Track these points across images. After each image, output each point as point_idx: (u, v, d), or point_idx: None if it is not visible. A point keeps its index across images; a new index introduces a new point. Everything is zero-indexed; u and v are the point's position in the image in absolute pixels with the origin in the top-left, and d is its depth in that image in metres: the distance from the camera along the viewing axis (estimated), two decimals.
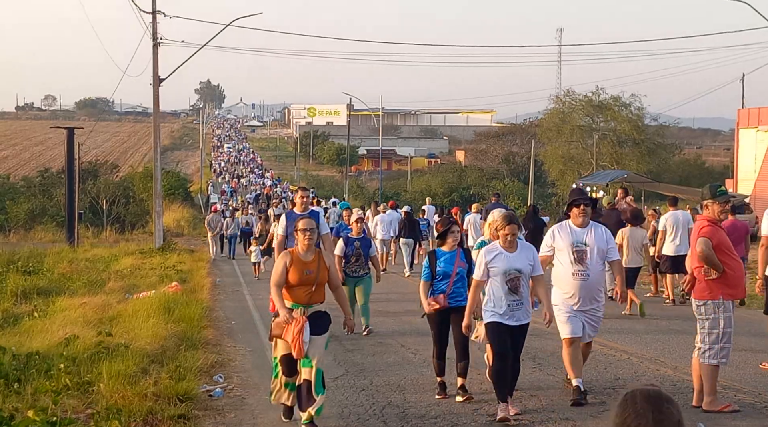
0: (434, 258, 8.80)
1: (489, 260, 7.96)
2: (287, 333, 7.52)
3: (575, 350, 8.52)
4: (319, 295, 7.76)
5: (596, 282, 8.59)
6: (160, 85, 32.26)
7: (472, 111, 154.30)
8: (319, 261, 7.72)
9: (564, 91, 66.01)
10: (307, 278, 7.62)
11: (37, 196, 53.04)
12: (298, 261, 7.66)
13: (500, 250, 7.98)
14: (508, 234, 8.07)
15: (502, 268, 7.90)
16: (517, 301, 7.92)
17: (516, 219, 8.31)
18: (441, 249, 8.90)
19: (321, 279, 7.70)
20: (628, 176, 42.91)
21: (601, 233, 8.66)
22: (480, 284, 8.05)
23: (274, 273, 7.70)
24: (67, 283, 19.89)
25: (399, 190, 70.12)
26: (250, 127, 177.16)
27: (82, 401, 8.17)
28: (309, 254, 7.72)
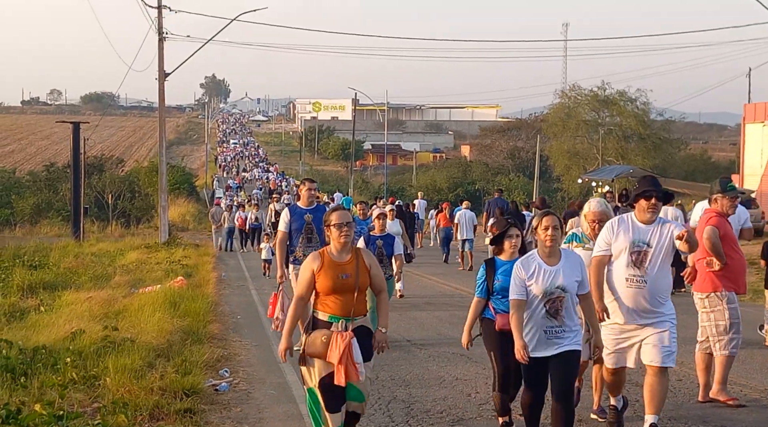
0: (492, 270, 7.11)
1: (527, 274, 6.42)
2: (332, 351, 6.10)
3: (618, 376, 7.31)
4: (362, 304, 6.33)
5: (656, 291, 6.93)
6: (165, 80, 32.28)
7: (478, 106, 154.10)
8: (357, 261, 6.29)
9: (570, 86, 65.94)
10: (343, 284, 6.21)
11: (42, 190, 53.19)
12: (331, 264, 6.24)
13: (538, 261, 6.42)
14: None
15: (542, 286, 6.36)
16: (556, 327, 6.41)
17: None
18: (499, 258, 7.13)
19: (362, 284, 6.26)
20: (634, 171, 42.85)
21: (669, 234, 6.99)
22: (521, 305, 6.41)
23: (298, 283, 6.39)
24: (72, 277, 19.91)
25: (404, 185, 70.09)
26: (255, 121, 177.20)
27: (88, 395, 8.19)
28: (344, 254, 6.31)
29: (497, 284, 7.01)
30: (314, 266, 6.24)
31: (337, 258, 6.28)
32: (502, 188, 40.76)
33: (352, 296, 6.22)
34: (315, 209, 10.81)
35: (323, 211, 10.46)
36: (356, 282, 6.22)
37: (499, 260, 7.12)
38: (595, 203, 7.68)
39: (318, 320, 6.28)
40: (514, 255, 6.99)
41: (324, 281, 6.21)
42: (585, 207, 7.84)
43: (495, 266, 7.10)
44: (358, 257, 6.34)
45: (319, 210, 10.77)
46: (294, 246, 10.69)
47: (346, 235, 6.27)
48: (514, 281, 6.45)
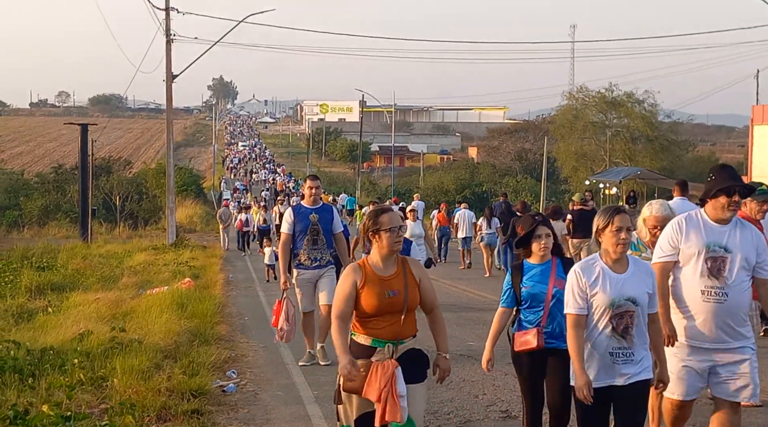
0: (518, 275, 6.09)
1: (588, 282, 5.24)
2: (370, 386, 5.11)
3: (683, 411, 6.04)
4: (411, 325, 5.32)
5: (738, 307, 5.72)
6: (173, 82, 32.34)
7: (485, 107, 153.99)
8: (405, 274, 5.28)
9: (577, 88, 65.84)
10: (390, 303, 5.19)
11: (50, 192, 53.33)
12: (375, 279, 5.22)
13: (603, 266, 5.27)
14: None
15: (608, 297, 5.17)
16: (625, 349, 5.21)
17: None
18: (528, 261, 6.14)
19: (412, 302, 5.26)
20: (642, 173, 42.84)
21: (750, 236, 5.81)
22: (580, 321, 5.23)
23: (337, 299, 5.28)
24: (80, 278, 19.96)
25: (411, 187, 70.05)
26: (263, 123, 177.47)
27: (95, 396, 8.19)
28: (390, 266, 5.29)
29: (524, 290, 6.02)
30: (356, 279, 5.21)
31: (381, 271, 5.25)
32: (506, 191, 40.75)
33: (399, 317, 5.20)
34: (321, 209, 10.13)
35: (329, 211, 10.24)
36: (405, 300, 5.20)
37: (527, 263, 6.13)
38: (658, 206, 6.58)
39: (357, 344, 5.24)
40: (546, 258, 6.07)
41: (367, 299, 5.18)
42: (645, 210, 6.73)
43: (522, 271, 6.09)
44: (405, 270, 5.30)
45: (325, 210, 10.19)
46: (298, 249, 10.03)
47: (396, 242, 5.25)
48: (571, 290, 5.27)
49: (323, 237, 10.02)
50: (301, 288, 10.13)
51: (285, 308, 9.94)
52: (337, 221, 10.24)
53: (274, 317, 10.16)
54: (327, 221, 10.11)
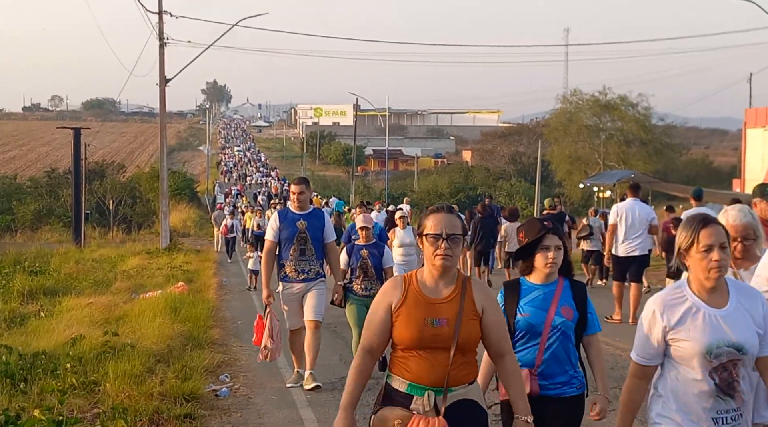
0: (514, 297, 4.79)
1: (671, 324, 3.79)
2: None
3: None
4: (465, 368, 3.98)
5: None
6: (166, 86, 32.29)
7: (479, 111, 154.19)
8: (462, 300, 3.96)
9: (571, 91, 66.10)
10: (433, 335, 3.90)
11: (43, 196, 53.21)
12: (418, 299, 3.97)
13: (693, 298, 3.81)
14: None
15: (704, 343, 3.72)
16: (732, 412, 3.79)
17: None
18: (527, 280, 4.84)
19: (465, 338, 3.91)
20: (635, 176, 42.87)
21: None
22: (646, 372, 3.92)
23: (366, 326, 4.08)
24: (73, 283, 19.91)
25: (406, 191, 70.09)
26: (257, 127, 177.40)
27: (88, 401, 8.16)
28: (443, 285, 4.00)
29: (521, 318, 4.70)
30: (393, 299, 3.99)
31: (430, 291, 3.98)
32: (491, 195, 40.85)
33: (446, 356, 3.88)
34: (310, 215, 9.17)
35: (320, 217, 9.26)
36: (455, 334, 3.88)
37: (525, 283, 4.82)
38: (736, 213, 4.90)
39: (392, 388, 4.02)
40: (552, 277, 4.77)
41: (403, 326, 3.93)
42: (720, 218, 4.97)
43: (519, 292, 4.79)
44: (464, 294, 3.97)
45: (315, 216, 9.20)
46: (284, 259, 9.10)
47: (446, 255, 3.92)
48: (644, 330, 3.86)
49: (312, 246, 9.05)
50: (287, 303, 9.15)
51: (269, 323, 9.09)
52: (328, 228, 9.23)
53: (256, 335, 9.31)
54: (316, 229, 9.11)
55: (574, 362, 4.73)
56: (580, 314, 4.76)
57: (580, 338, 4.81)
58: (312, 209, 9.32)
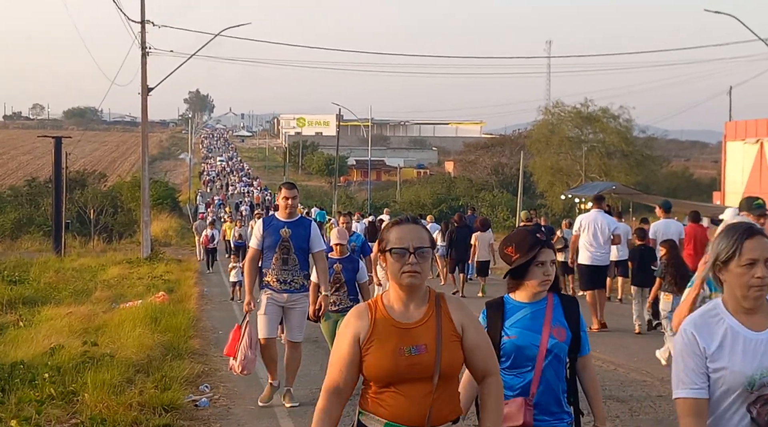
0: (498, 318, 4.30)
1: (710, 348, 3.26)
2: None
3: None
4: (449, 401, 3.51)
5: None
6: (148, 95, 32.22)
7: (462, 122, 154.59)
8: (438, 320, 3.49)
9: (553, 103, 66.29)
10: (411, 365, 3.42)
11: (24, 205, 52.82)
12: (388, 327, 3.49)
13: (730, 321, 3.30)
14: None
15: (743, 371, 3.23)
16: None
17: None
18: (512, 298, 4.36)
19: (448, 364, 3.45)
20: (617, 188, 43.08)
21: None
22: (701, 408, 3.25)
23: (332, 362, 3.58)
24: (53, 292, 19.80)
25: (388, 201, 70.13)
26: (240, 137, 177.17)
27: (66, 411, 8.11)
28: (414, 307, 3.52)
29: (507, 341, 4.22)
30: (359, 331, 3.49)
31: (400, 315, 3.49)
32: (474, 206, 41.02)
33: (427, 387, 3.41)
34: (296, 223, 8.79)
35: (306, 226, 8.86)
36: (437, 361, 3.41)
37: (510, 301, 4.33)
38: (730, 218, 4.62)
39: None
40: (541, 295, 4.29)
41: (376, 360, 3.44)
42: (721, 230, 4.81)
43: (504, 312, 4.30)
44: (440, 313, 3.50)
45: (300, 225, 8.82)
46: (266, 267, 8.78)
47: (414, 272, 3.43)
48: (681, 360, 3.28)
49: (294, 256, 8.67)
50: (266, 310, 8.74)
51: (248, 332, 8.69)
52: (315, 237, 8.80)
53: (229, 343, 8.82)
54: (301, 238, 8.71)
55: (564, 389, 4.27)
56: (572, 334, 4.26)
57: (572, 361, 4.29)
58: (299, 217, 8.93)
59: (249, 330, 8.73)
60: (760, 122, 41.73)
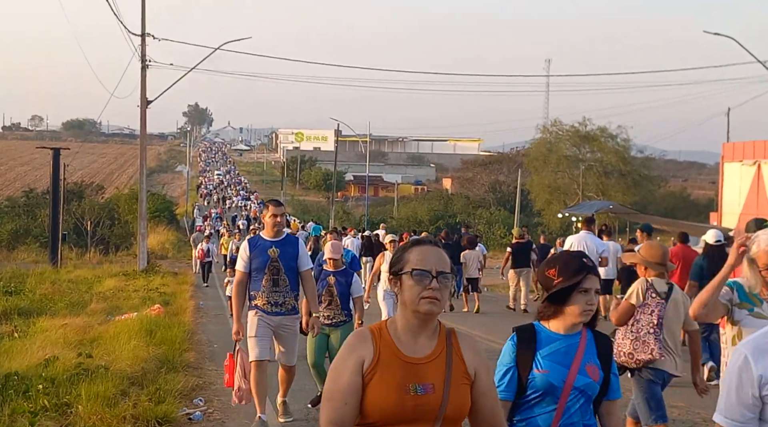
0: (530, 348, 3.85)
1: (766, 376, 2.92)
2: None
3: None
4: None
5: None
6: (147, 108, 32.24)
7: (460, 139, 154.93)
8: (449, 359, 3.11)
9: (551, 121, 66.56)
10: (415, 407, 3.03)
11: (21, 216, 52.83)
12: (394, 359, 3.08)
13: None
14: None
15: None
16: None
17: None
18: (546, 327, 3.91)
19: (454, 409, 3.08)
20: (614, 207, 43.17)
21: None
22: None
23: (328, 393, 3.09)
24: (48, 304, 19.77)
25: (385, 217, 70.16)
26: (238, 150, 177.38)
27: (59, 423, 8.08)
28: (425, 340, 3.13)
29: (538, 375, 3.78)
30: (363, 356, 3.07)
31: (408, 348, 3.09)
32: (469, 224, 41.11)
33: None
34: (283, 242, 8.33)
35: (294, 244, 8.41)
36: (442, 404, 3.03)
37: (543, 330, 3.89)
38: None
39: None
40: (579, 327, 3.88)
41: (377, 395, 3.03)
42: (753, 247, 4.62)
43: (536, 341, 3.86)
44: (450, 351, 3.12)
45: (288, 243, 8.36)
46: (255, 290, 8.30)
47: (433, 298, 3.04)
48: (733, 388, 2.96)
49: (285, 276, 8.24)
50: (257, 331, 8.29)
51: (240, 362, 8.29)
52: (303, 256, 8.38)
53: (227, 376, 8.48)
54: (290, 257, 8.29)
55: None
56: (605, 374, 3.87)
57: (597, 404, 3.92)
58: (285, 236, 8.44)
59: (241, 359, 8.32)
60: (758, 144, 41.87)
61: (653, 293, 6.54)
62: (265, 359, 8.26)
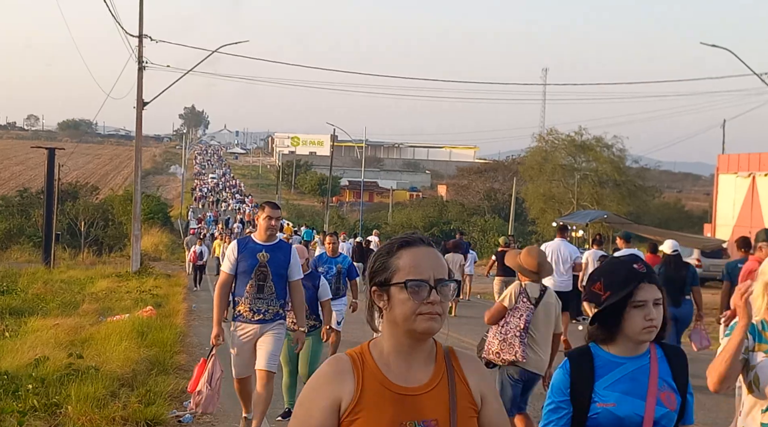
0: (587, 378, 3.25)
1: None
2: None
3: None
4: None
5: None
6: (143, 109, 32.22)
7: (456, 146, 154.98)
8: (451, 386, 2.53)
9: (547, 130, 66.55)
10: None
11: (15, 215, 52.70)
12: (382, 391, 2.49)
13: None
14: None
15: None
16: None
17: None
18: (604, 349, 3.31)
19: None
20: (608, 217, 43.16)
21: None
22: None
23: None
24: (40, 303, 19.71)
25: (380, 222, 70.14)
26: (233, 154, 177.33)
27: (48, 423, 8.06)
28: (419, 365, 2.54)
29: (602, 410, 3.18)
30: (340, 394, 2.49)
31: (399, 376, 2.52)
32: (463, 231, 41.14)
33: None
34: (275, 247, 7.87)
35: (285, 251, 7.92)
36: None
37: (602, 354, 3.27)
38: None
39: None
40: (645, 346, 3.26)
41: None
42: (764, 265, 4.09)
43: (594, 369, 3.23)
44: (452, 375, 2.55)
45: (280, 249, 7.90)
46: (239, 296, 7.84)
47: (433, 314, 2.47)
48: None
49: (272, 283, 7.76)
50: (238, 348, 7.91)
51: (210, 368, 7.91)
52: (294, 264, 7.91)
53: (193, 379, 8.08)
54: (279, 264, 7.80)
55: None
56: (683, 399, 3.25)
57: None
58: (278, 241, 7.99)
59: (212, 366, 7.93)
60: (753, 156, 41.95)
61: (525, 297, 7.04)
62: (247, 375, 8.03)
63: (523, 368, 7.04)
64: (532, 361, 7.01)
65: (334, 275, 11.91)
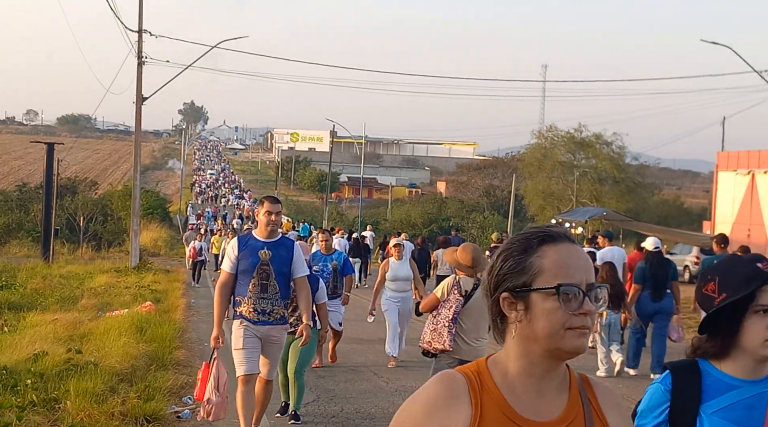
0: (692, 396, 2.59)
1: None
2: None
3: None
4: None
5: None
6: (143, 104, 32.19)
7: (455, 143, 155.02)
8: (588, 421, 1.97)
9: (547, 127, 66.61)
10: None
11: (13, 210, 52.70)
12: (508, 424, 1.91)
13: None
14: None
15: None
16: None
17: None
18: (716, 367, 2.63)
19: None
20: (607, 214, 43.22)
21: None
22: None
23: None
24: (39, 298, 19.71)
25: (378, 219, 70.14)
26: (232, 149, 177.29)
27: (47, 418, 8.04)
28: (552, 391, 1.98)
29: None
30: (454, 423, 1.91)
31: (526, 405, 1.95)
32: (459, 227, 41.21)
33: None
34: (277, 243, 7.47)
35: (288, 247, 7.54)
36: None
37: (714, 372, 2.64)
38: None
39: None
40: (765, 371, 2.61)
41: None
42: None
43: (701, 388, 2.62)
44: (588, 407, 2.01)
45: (282, 245, 7.52)
46: (241, 295, 7.43)
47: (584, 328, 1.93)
48: None
49: (275, 282, 7.37)
50: (244, 342, 7.43)
51: (215, 373, 7.45)
52: (297, 260, 7.52)
53: (199, 386, 7.71)
54: (282, 261, 7.43)
55: None
56: None
57: None
58: (280, 237, 7.59)
59: (217, 370, 7.46)
60: (752, 154, 41.94)
61: (457, 290, 7.40)
62: (255, 372, 7.50)
63: (457, 357, 7.22)
64: (463, 350, 7.27)
65: (331, 273, 11.87)
